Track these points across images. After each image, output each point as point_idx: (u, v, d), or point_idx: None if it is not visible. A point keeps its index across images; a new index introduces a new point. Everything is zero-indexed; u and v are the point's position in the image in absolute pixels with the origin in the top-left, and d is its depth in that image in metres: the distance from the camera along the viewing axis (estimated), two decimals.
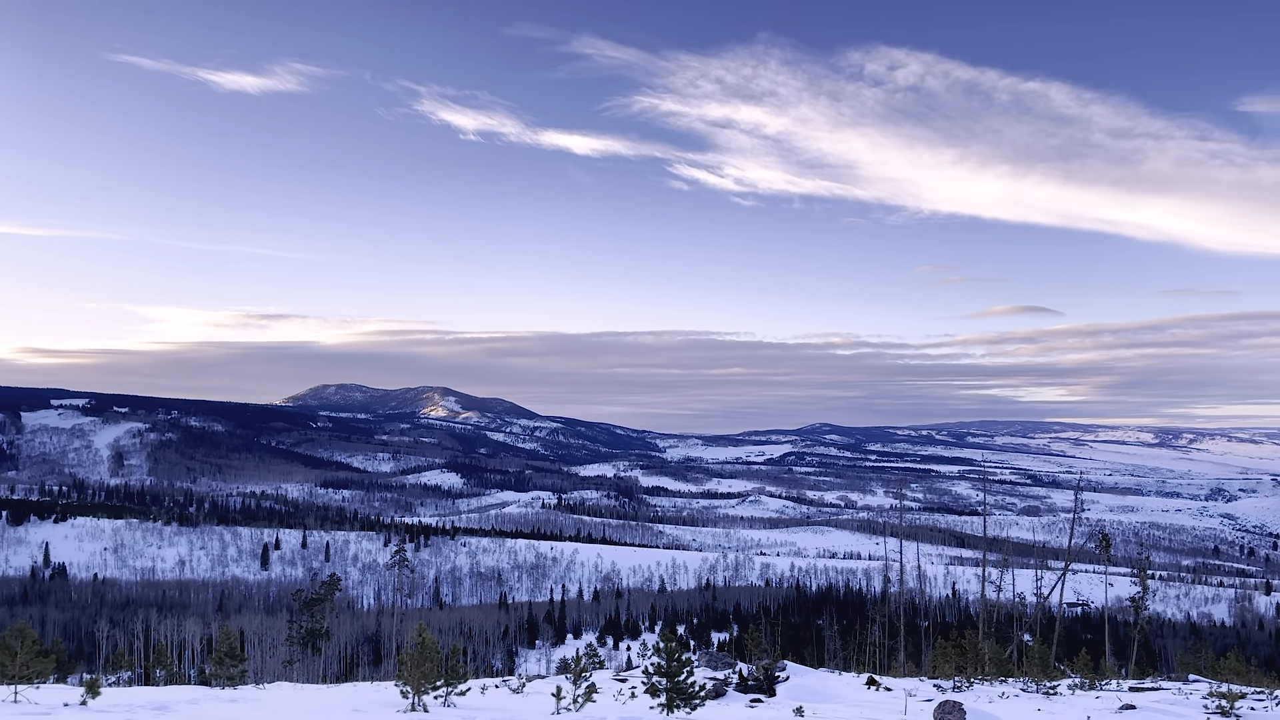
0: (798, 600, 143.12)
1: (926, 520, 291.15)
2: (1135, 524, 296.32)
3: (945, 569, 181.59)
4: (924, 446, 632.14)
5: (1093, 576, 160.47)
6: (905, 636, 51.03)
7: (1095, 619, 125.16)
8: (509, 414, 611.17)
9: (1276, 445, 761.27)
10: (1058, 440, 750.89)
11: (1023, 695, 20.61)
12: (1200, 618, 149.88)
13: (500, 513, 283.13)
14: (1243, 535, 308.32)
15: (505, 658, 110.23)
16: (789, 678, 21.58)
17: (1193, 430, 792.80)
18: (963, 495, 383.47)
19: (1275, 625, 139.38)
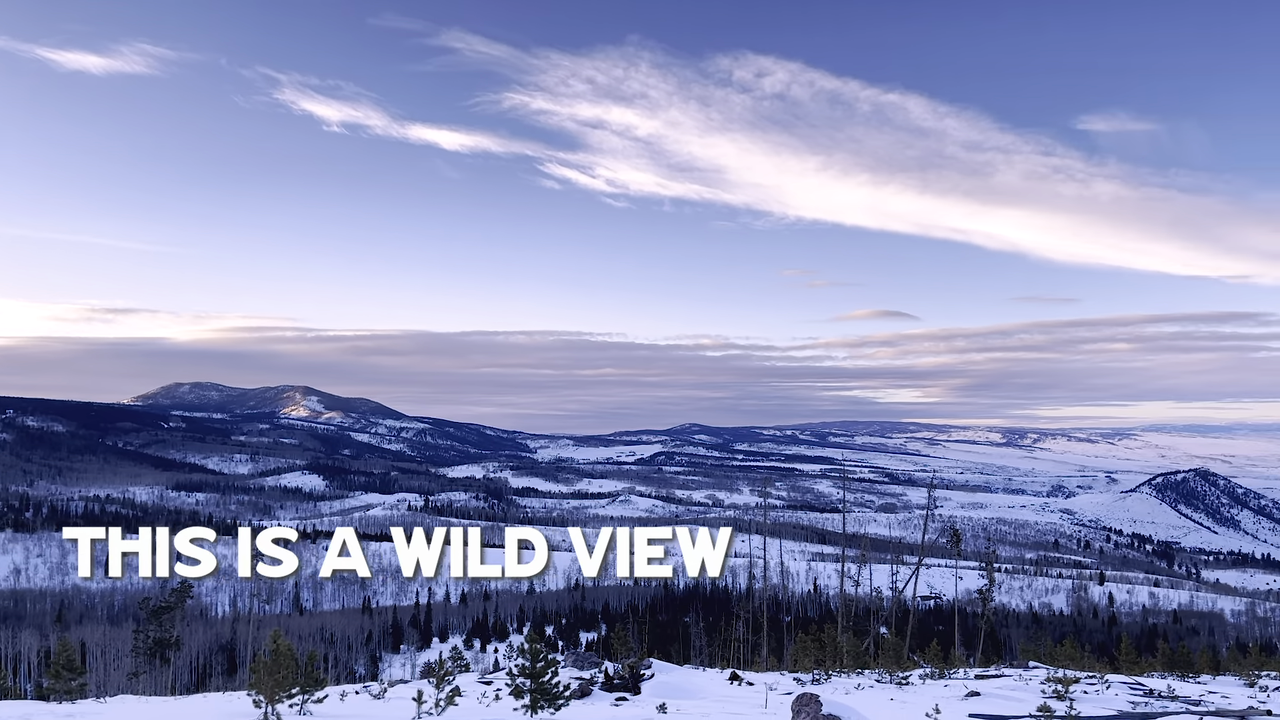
0: (665, 599, 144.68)
1: (790, 518, 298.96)
2: (984, 519, 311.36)
3: (808, 565, 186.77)
4: (789, 446, 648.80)
5: (945, 570, 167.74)
6: (768, 632, 52.22)
7: (946, 611, 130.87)
8: (374, 414, 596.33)
9: (1111, 445, 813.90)
10: (913, 440, 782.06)
11: (877, 686, 21.35)
12: (1041, 607, 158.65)
13: (365, 515, 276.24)
14: (1080, 529, 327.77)
15: (369, 663, 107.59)
16: (654, 675, 21.75)
17: (1036, 430, 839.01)
18: (825, 493, 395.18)
19: (1108, 614, 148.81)
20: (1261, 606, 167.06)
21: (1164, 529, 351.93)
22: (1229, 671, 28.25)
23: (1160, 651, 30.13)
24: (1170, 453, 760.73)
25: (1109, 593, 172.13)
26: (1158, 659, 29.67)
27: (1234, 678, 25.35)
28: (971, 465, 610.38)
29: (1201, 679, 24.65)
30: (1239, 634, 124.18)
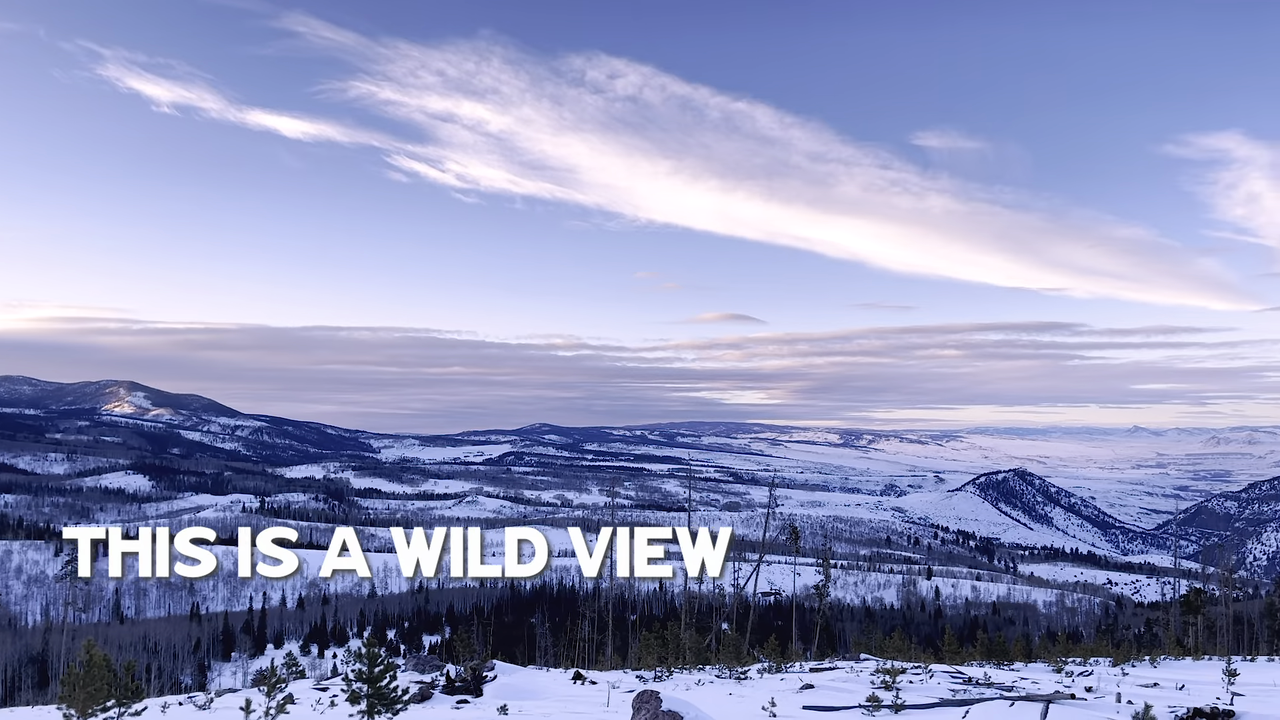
0: (512, 600, 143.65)
1: (638, 517, 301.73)
2: (822, 518, 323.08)
3: None
4: (638, 446, 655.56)
5: (784, 567, 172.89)
6: (614, 631, 52.57)
7: (786, 606, 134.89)
8: (207, 411, 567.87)
9: (939, 446, 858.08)
10: (757, 440, 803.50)
11: (718, 681, 21.80)
12: (874, 602, 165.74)
13: (195, 517, 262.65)
14: (910, 527, 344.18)
15: (196, 672, 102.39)
16: (497, 677, 21.56)
17: (872, 432, 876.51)
18: (672, 492, 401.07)
19: (934, 607, 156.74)
20: (1070, 598, 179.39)
21: (986, 526, 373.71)
22: (1040, 659, 30.18)
23: (979, 641, 31.94)
24: (992, 454, 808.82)
25: (936, 587, 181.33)
26: (977, 648, 31.43)
27: (1044, 665, 27.07)
28: (811, 465, 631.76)
29: (1015, 666, 26.24)
30: (1050, 623, 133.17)
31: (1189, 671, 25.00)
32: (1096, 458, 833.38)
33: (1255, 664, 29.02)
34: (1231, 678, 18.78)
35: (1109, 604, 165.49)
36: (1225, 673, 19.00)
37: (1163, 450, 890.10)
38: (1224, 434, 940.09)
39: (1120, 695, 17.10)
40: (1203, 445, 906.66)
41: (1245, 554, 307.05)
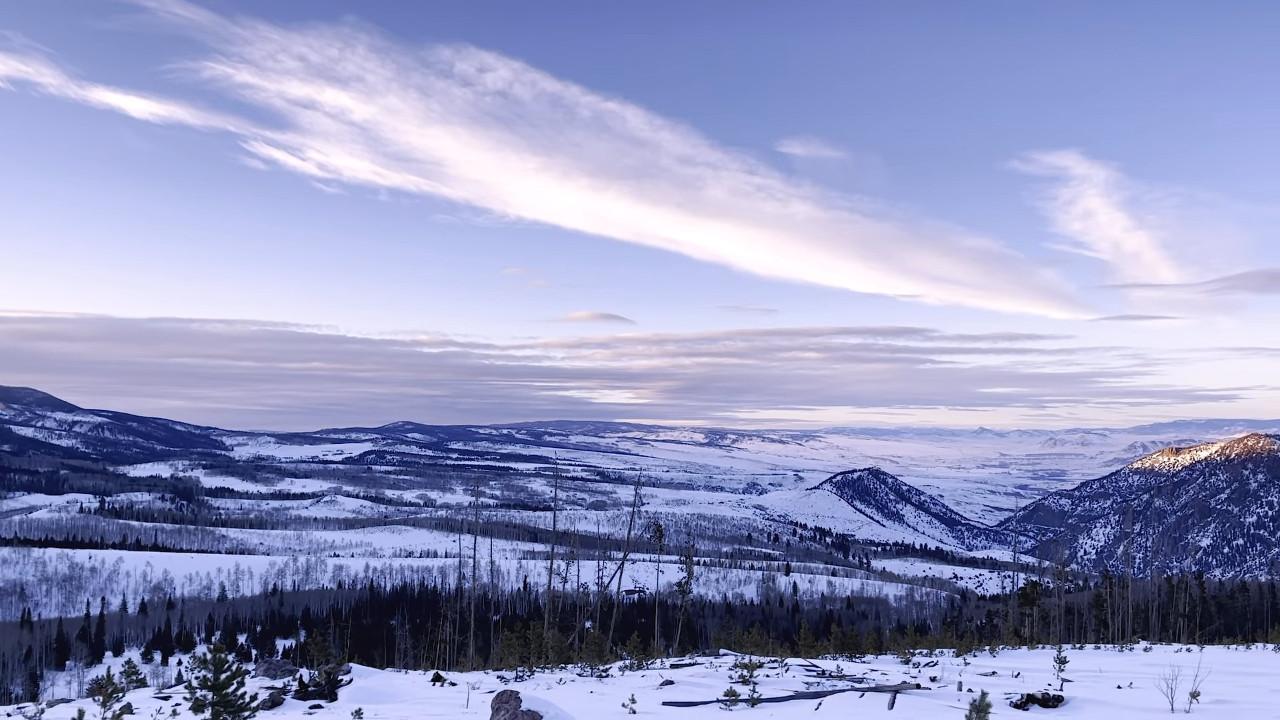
0: (371, 601, 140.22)
1: (503, 517, 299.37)
2: (686, 515, 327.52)
3: (519, 563, 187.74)
4: (504, 445, 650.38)
5: (649, 565, 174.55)
6: (476, 631, 51.97)
7: (649, 604, 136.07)
8: (42, 405, 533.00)
9: (799, 445, 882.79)
10: (625, 439, 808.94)
11: (579, 679, 21.80)
12: (735, 598, 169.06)
13: (26, 518, 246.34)
14: (771, 524, 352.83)
15: (28, 682, 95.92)
16: (353, 681, 21.00)
17: (735, 431, 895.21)
18: (538, 492, 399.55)
19: (792, 602, 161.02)
20: (919, 592, 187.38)
21: (842, 522, 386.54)
22: (890, 651, 31.33)
23: (834, 635, 32.96)
24: (849, 453, 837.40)
25: (794, 583, 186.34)
26: (831, 642, 32.42)
27: (894, 656, 28.11)
28: (677, 464, 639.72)
29: (867, 658, 27.16)
30: (900, 617, 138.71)
31: (1025, 660, 26.46)
32: (945, 457, 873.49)
33: (1083, 651, 30.93)
34: (1062, 665, 19.96)
35: (954, 597, 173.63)
36: (1056, 660, 20.19)
37: (1005, 451, 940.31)
38: (1060, 435, 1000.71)
39: (961, 684, 17.94)
40: (1041, 446, 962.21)
41: (1077, 548, 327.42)
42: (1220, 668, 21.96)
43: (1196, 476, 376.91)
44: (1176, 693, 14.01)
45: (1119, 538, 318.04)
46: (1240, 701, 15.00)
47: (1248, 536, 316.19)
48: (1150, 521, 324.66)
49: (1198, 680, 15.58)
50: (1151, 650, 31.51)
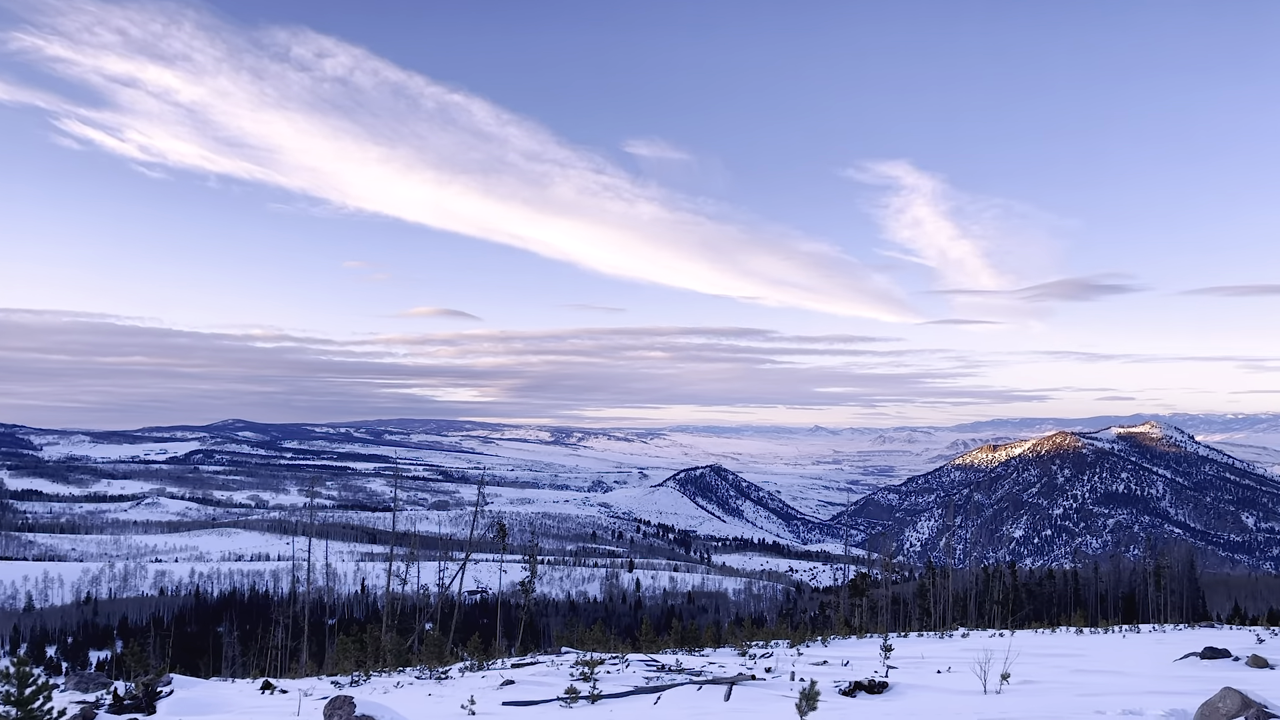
0: (196, 608, 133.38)
1: (340, 518, 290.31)
2: (531, 514, 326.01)
3: (356, 565, 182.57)
4: (342, 444, 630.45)
5: (492, 565, 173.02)
6: (310, 636, 50.21)
7: (492, 604, 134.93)
8: None
9: (645, 443, 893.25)
10: (469, 438, 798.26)
11: (418, 682, 21.38)
12: (578, 596, 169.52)
13: None
14: (615, 521, 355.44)
15: None
16: (174, 692, 19.89)
17: (582, 430, 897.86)
18: (377, 492, 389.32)
19: (635, 598, 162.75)
20: (757, 585, 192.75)
21: (684, 519, 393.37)
22: (728, 644, 32.08)
23: (674, 630, 33.49)
24: (692, 450, 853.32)
25: (637, 579, 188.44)
26: (672, 637, 32.93)
27: (731, 649, 28.80)
28: (522, 463, 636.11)
29: (706, 652, 27.72)
30: (739, 610, 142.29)
31: (854, 649, 27.62)
32: (783, 454, 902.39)
33: (908, 639, 32.55)
34: (888, 653, 20.96)
35: (790, 590, 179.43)
36: (883, 648, 21.17)
37: (839, 448, 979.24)
38: (889, 433, 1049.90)
39: (794, 674, 18.56)
40: (872, 443, 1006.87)
41: (904, 541, 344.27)
42: (1029, 650, 23.53)
43: (1011, 472, 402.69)
44: (989, 675, 14.94)
45: (941, 530, 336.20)
46: (1045, 681, 16.13)
47: (1055, 527, 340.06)
48: (970, 514, 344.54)
49: (1008, 663, 16.63)
50: (969, 636, 33.47)
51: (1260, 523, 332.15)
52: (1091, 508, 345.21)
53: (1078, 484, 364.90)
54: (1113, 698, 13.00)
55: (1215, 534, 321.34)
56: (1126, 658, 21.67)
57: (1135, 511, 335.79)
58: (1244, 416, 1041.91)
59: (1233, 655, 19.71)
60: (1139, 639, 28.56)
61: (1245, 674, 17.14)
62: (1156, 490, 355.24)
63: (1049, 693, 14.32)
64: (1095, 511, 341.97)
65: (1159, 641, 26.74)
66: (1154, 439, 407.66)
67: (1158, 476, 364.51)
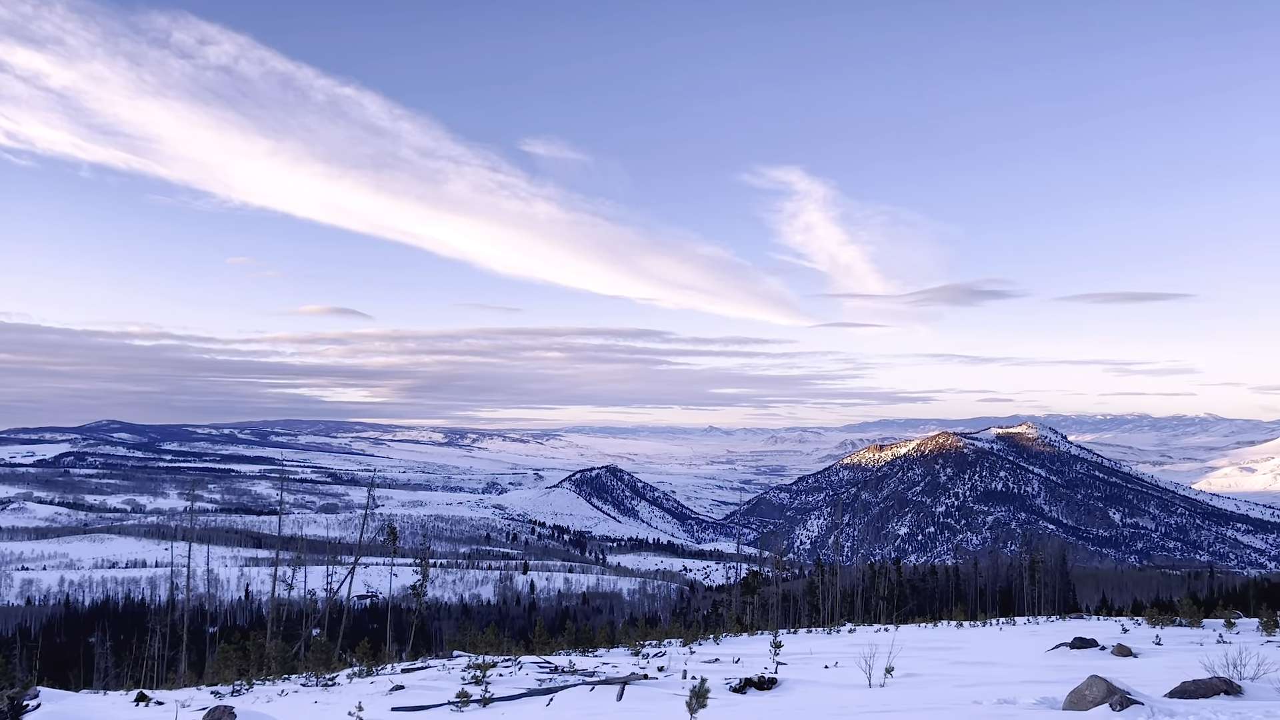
0: (66, 618, 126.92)
1: (223, 522, 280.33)
2: (423, 517, 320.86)
3: (240, 571, 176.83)
4: (226, 445, 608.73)
5: (383, 568, 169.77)
6: (190, 645, 48.38)
7: (382, 608, 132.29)
8: None
9: (540, 444, 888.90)
10: (359, 439, 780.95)
11: (304, 690, 20.84)
12: (472, 599, 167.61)
13: None
14: (510, 523, 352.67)
15: None
16: (41, 705, 18.92)
17: (476, 431, 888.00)
18: (263, 495, 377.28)
19: (529, 600, 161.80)
20: (651, 585, 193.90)
21: (580, 520, 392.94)
22: (621, 644, 32.20)
23: (568, 631, 33.43)
24: (588, 451, 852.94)
25: (531, 581, 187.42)
26: (565, 638, 32.87)
27: (625, 649, 28.91)
28: (415, 464, 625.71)
29: (600, 652, 27.77)
30: (633, 610, 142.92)
31: (746, 646, 28.05)
32: (678, 455, 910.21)
33: (797, 635, 33.24)
34: (777, 649, 21.34)
35: (684, 589, 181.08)
36: (773, 645, 21.54)
37: (732, 448, 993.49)
38: (781, 434, 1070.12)
39: (686, 672, 18.76)
40: (764, 444, 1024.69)
41: (794, 539, 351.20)
42: (912, 644, 24.30)
43: (897, 471, 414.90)
44: (874, 669, 15.37)
45: (830, 528, 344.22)
46: (927, 674, 16.68)
47: (938, 524, 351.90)
48: (858, 513, 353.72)
49: (892, 657, 17.14)
50: (855, 631, 34.37)
51: (1126, 518, 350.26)
52: (972, 505, 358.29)
53: (959, 482, 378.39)
54: (989, 688, 13.53)
55: (1085, 529, 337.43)
56: (1003, 649, 22.58)
57: (1013, 508, 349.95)
58: (1112, 417, 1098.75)
59: (1100, 645, 20.74)
60: (1015, 631, 29.79)
61: (1111, 662, 18.07)
62: (1032, 488, 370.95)
63: (930, 685, 14.81)
64: (976, 509, 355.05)
65: (1033, 633, 27.93)
66: (1030, 439, 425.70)
67: (1033, 475, 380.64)
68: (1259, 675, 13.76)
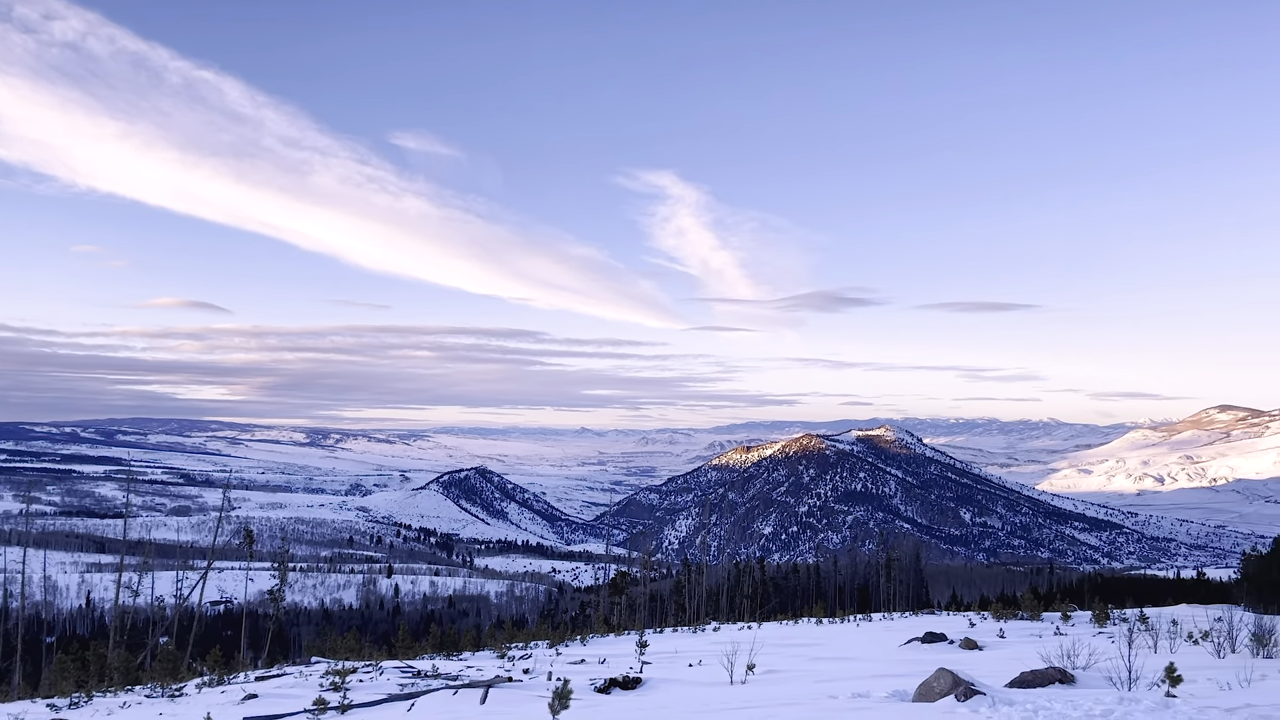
0: None
1: (63, 525, 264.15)
2: (282, 519, 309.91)
3: (81, 577, 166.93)
4: (67, 445, 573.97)
5: (238, 573, 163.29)
6: (24, 656, 45.41)
7: (237, 614, 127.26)
8: None
9: (407, 445, 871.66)
10: (215, 439, 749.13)
11: (148, 701, 19.85)
12: (333, 603, 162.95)
13: None
14: (374, 526, 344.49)
15: None
16: None
17: (340, 431, 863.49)
18: (107, 497, 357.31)
19: (394, 604, 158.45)
20: (519, 587, 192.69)
21: (447, 522, 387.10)
22: (487, 647, 31.88)
23: (432, 634, 32.91)
24: (457, 452, 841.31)
25: (396, 585, 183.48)
26: (430, 642, 32.36)
27: (491, 652, 28.66)
28: (274, 465, 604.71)
29: (464, 656, 27.43)
30: (501, 613, 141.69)
31: (612, 646, 28.18)
32: (549, 456, 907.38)
33: (663, 635, 33.60)
34: (643, 649, 21.49)
35: (553, 590, 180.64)
36: (638, 645, 21.69)
37: (604, 449, 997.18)
38: (652, 435, 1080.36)
39: (552, 674, 18.71)
40: (635, 445, 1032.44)
41: (663, 539, 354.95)
42: (773, 641, 24.89)
43: (762, 472, 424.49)
44: (736, 666, 15.67)
45: (698, 528, 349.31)
46: (787, 670, 17.12)
47: (801, 524, 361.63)
48: (725, 513, 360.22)
49: (754, 654, 17.51)
50: (720, 630, 34.98)
51: (975, 518, 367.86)
52: (833, 505, 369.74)
53: (822, 483, 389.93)
54: (845, 683, 13.98)
55: (938, 528, 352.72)
56: (859, 645, 23.38)
57: (871, 508, 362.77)
58: (964, 421, 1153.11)
59: (949, 639, 21.71)
60: (871, 627, 30.88)
61: (958, 655, 18.94)
62: (890, 488, 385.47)
63: (789, 681, 15.20)
64: (837, 509, 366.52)
65: (888, 629, 29.02)
66: (888, 441, 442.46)
67: (891, 476, 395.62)
68: (1090, 665, 14.68)
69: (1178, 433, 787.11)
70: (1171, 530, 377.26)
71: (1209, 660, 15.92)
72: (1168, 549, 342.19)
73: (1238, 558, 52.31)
